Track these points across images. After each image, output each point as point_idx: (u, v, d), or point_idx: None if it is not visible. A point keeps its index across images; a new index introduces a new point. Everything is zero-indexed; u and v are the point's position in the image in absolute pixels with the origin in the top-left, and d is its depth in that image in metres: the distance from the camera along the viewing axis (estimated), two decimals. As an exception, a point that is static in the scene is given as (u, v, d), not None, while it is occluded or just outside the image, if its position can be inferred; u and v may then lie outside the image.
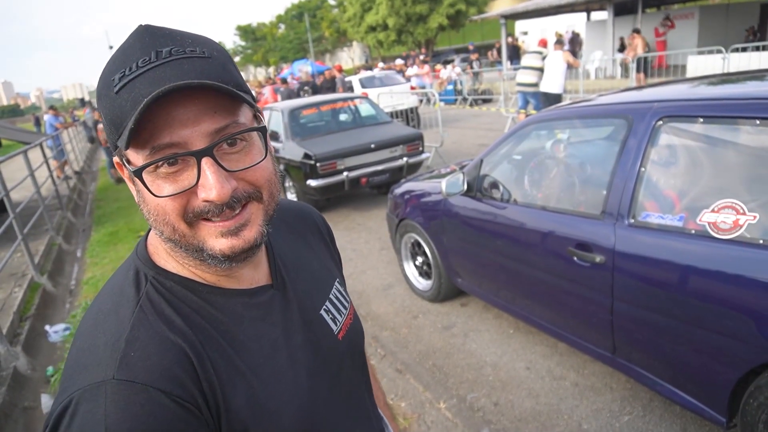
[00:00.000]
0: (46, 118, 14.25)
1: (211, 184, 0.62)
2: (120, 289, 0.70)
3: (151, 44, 0.62)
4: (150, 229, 0.77)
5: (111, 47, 40.36)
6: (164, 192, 0.63)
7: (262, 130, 0.69)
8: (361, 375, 0.93)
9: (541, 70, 9.27)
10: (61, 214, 8.23)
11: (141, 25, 0.65)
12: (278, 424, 0.70)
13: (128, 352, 0.62)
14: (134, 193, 0.70)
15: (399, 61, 16.72)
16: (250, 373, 0.70)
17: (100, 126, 11.31)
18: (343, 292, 0.95)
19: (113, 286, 0.73)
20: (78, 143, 16.95)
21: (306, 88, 12.43)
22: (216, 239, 0.66)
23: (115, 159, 0.69)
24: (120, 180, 11.67)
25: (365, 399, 0.92)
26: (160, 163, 0.62)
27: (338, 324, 0.87)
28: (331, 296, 0.90)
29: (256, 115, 0.71)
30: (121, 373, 0.60)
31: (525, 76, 9.49)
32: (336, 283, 0.94)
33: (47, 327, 4.30)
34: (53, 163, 10.46)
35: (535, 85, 9.33)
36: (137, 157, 0.63)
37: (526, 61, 9.59)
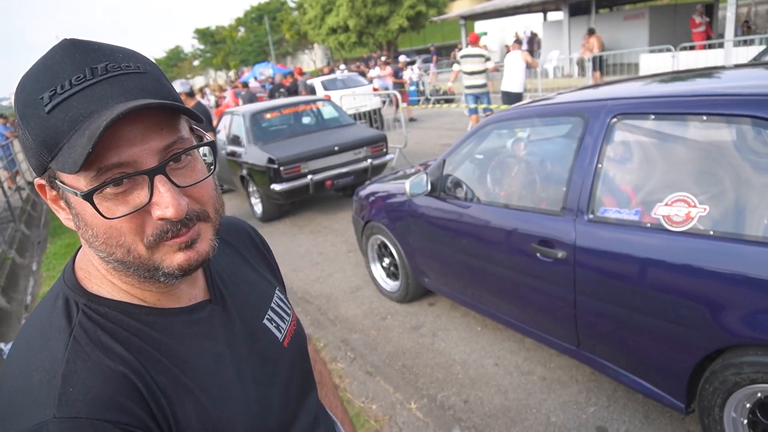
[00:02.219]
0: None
1: (168, 202, 0.61)
2: (49, 321, 0.67)
3: (83, 60, 0.60)
4: (76, 254, 0.74)
5: (63, 52, 39.00)
6: (116, 213, 0.61)
7: (211, 145, 0.69)
8: (308, 378, 0.95)
9: (486, 71, 9.18)
10: (14, 227, 7.91)
11: (66, 40, 0.62)
12: None
13: (67, 388, 0.59)
14: (63, 216, 0.67)
15: (403, 58, 16.37)
16: (197, 389, 0.69)
17: None
18: (285, 300, 0.95)
19: (40, 317, 0.69)
20: (30, 152, 16.31)
21: (282, 90, 12.25)
22: (173, 255, 0.66)
23: (37, 181, 0.66)
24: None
25: (314, 401, 0.94)
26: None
27: (282, 331, 0.88)
28: (272, 305, 0.90)
29: (192, 127, 0.70)
30: (62, 411, 0.57)
31: (474, 80, 9.23)
32: (277, 292, 0.94)
33: (2, 345, 4.12)
34: (3, 174, 10.04)
35: (485, 85, 9.26)
36: (77, 179, 0.60)
37: (468, 66, 9.18)
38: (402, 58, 16.36)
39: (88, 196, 0.59)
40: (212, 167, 0.70)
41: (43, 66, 0.60)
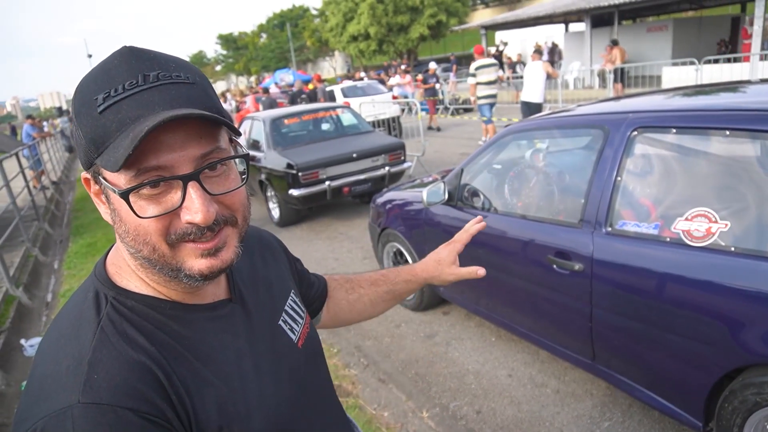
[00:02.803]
0: (24, 127, 14.03)
1: (198, 208, 0.64)
2: (79, 312, 0.71)
3: (137, 67, 0.64)
4: (109, 250, 0.78)
5: (90, 56, 39.85)
6: (147, 213, 0.65)
7: (246, 158, 0.73)
8: (326, 380, 0.97)
9: (496, 81, 9.77)
10: (38, 225, 8.08)
11: (125, 47, 0.67)
12: (249, 427, 0.72)
13: (92, 375, 0.62)
14: (103, 210, 0.71)
15: (432, 65, 16.20)
16: (218, 381, 0.72)
17: None
18: (299, 303, 0.98)
19: (72, 309, 0.73)
20: (55, 153, 16.67)
21: (303, 96, 12.38)
22: (195, 260, 0.69)
23: (84, 175, 0.70)
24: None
25: (332, 403, 0.96)
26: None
27: (296, 333, 0.91)
28: (286, 308, 0.93)
29: (231, 139, 0.73)
30: (86, 397, 0.60)
31: (490, 90, 9.69)
32: (291, 294, 0.97)
33: (23, 341, 4.20)
34: (29, 173, 10.27)
35: (495, 95, 9.78)
36: (118, 177, 0.64)
37: (485, 76, 9.62)
38: (432, 65, 16.23)
39: (124, 195, 0.63)
40: (245, 178, 0.73)
41: (102, 70, 0.65)
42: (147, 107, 0.62)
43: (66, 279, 5.96)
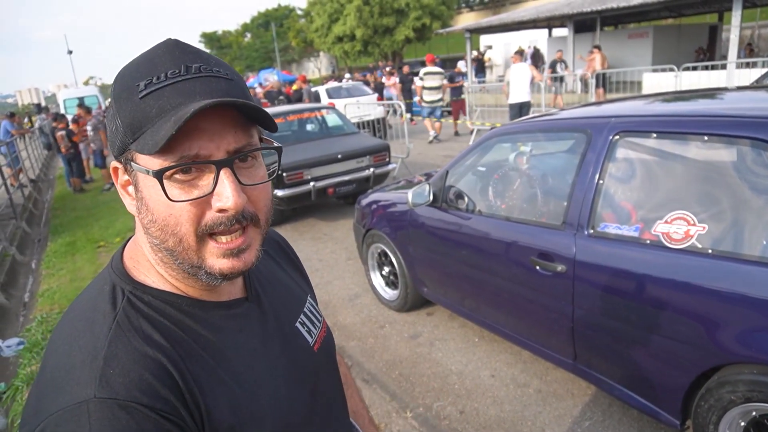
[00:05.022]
0: (2, 123, 13.74)
1: (229, 193, 0.64)
2: (94, 305, 0.70)
3: (180, 58, 0.66)
4: (126, 243, 0.77)
5: (70, 52, 39.10)
6: (180, 198, 0.65)
7: (279, 150, 0.73)
8: (337, 387, 0.96)
9: (441, 87, 11.07)
10: (15, 224, 7.92)
11: (170, 39, 0.68)
12: (261, 428, 0.72)
13: (107, 369, 0.61)
14: (128, 201, 0.71)
15: (461, 64, 15.26)
16: (231, 381, 0.71)
17: (60, 133, 10.93)
18: (316, 307, 0.98)
19: (86, 302, 0.72)
20: (34, 150, 16.36)
21: (281, 97, 12.31)
22: (217, 259, 0.68)
23: (113, 164, 0.70)
24: (79, 190, 11.31)
25: (341, 410, 0.95)
26: (176, 169, 0.64)
27: (313, 336, 0.90)
28: (305, 310, 0.92)
29: (261, 138, 0.74)
30: (101, 392, 0.59)
31: (434, 95, 11.03)
32: (309, 298, 0.96)
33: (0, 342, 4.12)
34: (7, 171, 10.07)
35: (441, 99, 11.33)
36: (153, 161, 0.64)
37: (429, 82, 10.92)
38: (459, 64, 15.77)
39: (158, 174, 0.63)
40: (273, 174, 0.74)
41: (145, 59, 0.67)
42: (188, 95, 0.63)
43: (44, 278, 5.85)
